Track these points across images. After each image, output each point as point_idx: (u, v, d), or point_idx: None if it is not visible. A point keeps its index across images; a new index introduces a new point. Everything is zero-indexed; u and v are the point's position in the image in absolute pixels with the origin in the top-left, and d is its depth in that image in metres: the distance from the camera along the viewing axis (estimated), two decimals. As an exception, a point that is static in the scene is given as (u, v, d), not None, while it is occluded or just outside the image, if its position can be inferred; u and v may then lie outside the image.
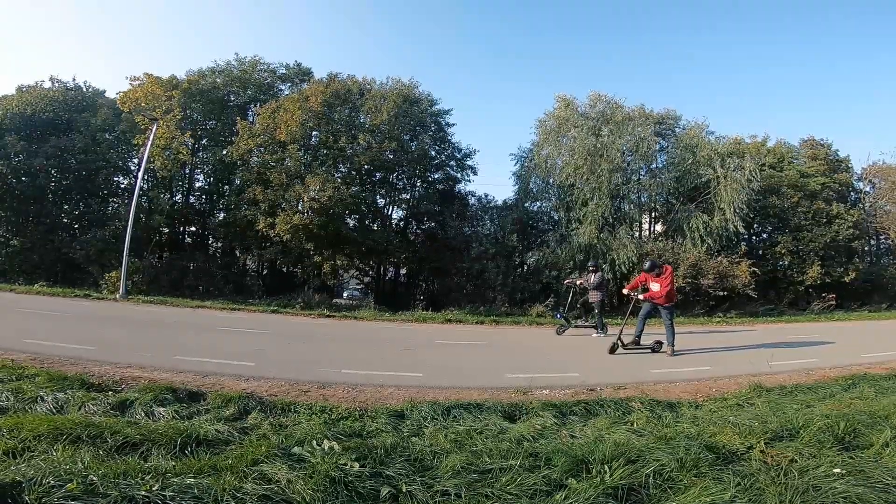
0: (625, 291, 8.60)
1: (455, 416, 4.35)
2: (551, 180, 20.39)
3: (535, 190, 21.55)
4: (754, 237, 22.68)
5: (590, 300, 10.70)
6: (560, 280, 18.21)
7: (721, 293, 16.87)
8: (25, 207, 20.07)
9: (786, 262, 20.79)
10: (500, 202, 23.28)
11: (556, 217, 21.15)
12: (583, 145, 18.56)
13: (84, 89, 22.80)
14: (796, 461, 3.00)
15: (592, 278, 10.52)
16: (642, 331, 8.22)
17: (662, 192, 19.46)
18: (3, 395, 4.05)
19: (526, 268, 21.09)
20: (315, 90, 19.83)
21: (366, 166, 20.20)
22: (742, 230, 18.99)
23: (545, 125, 20.70)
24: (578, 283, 10.89)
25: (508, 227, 20.64)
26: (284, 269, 22.11)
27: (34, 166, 19.50)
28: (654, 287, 8.01)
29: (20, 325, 8.44)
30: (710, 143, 19.30)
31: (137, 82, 20.25)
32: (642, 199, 21.00)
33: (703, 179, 18.45)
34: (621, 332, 8.12)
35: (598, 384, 5.88)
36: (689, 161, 18.74)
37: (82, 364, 5.53)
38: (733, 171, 18.05)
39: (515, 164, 22.82)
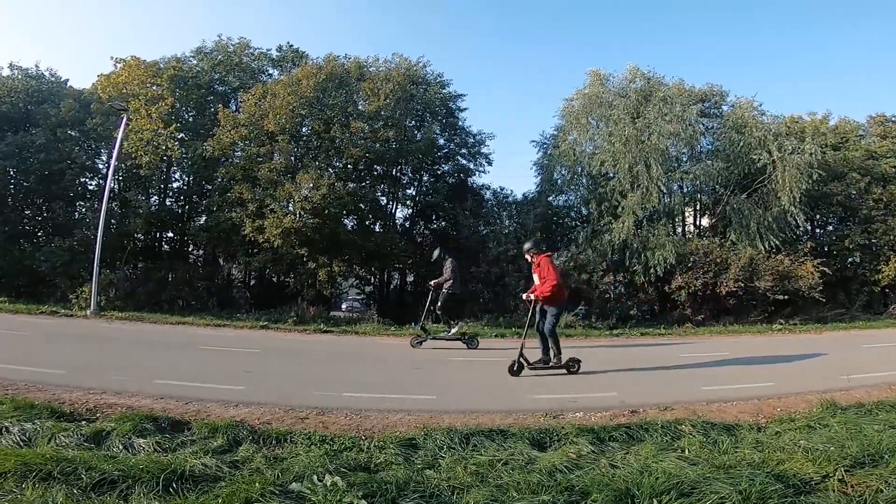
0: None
1: (475, 445, 4.33)
2: (580, 169, 20.27)
3: (560, 181, 21.44)
4: (818, 230, 22.30)
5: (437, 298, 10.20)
6: (592, 284, 18.15)
7: (781, 297, 16.60)
8: (-20, 212, 20.15)
9: (857, 259, 20.38)
10: (519, 196, 23.30)
11: (584, 211, 21.03)
12: (620, 128, 18.42)
13: (48, 78, 22.93)
14: (882, 491, 2.93)
15: (448, 268, 10.10)
16: (554, 343, 7.57)
17: (709, 180, 19.19)
18: (-38, 426, 4.11)
19: (551, 271, 20.89)
20: (308, 72, 19.87)
21: (365, 159, 20.24)
22: (803, 223, 18.67)
23: (572, 106, 20.60)
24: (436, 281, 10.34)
25: (531, 225, 20.55)
26: (275, 279, 22.21)
27: (-10, 167, 19.66)
28: (536, 280, 7.46)
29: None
30: (763, 123, 19.02)
31: (122, 65, 20.41)
32: (684, 188, 20.77)
33: (757, 165, 18.16)
34: (522, 346, 7.57)
35: (640, 405, 5.82)
36: (740, 144, 18.49)
37: (51, 390, 5.60)
38: (791, 154, 17.76)
39: (537, 153, 22.79)
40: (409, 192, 23.55)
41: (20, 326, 11.11)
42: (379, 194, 22.24)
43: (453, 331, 10.34)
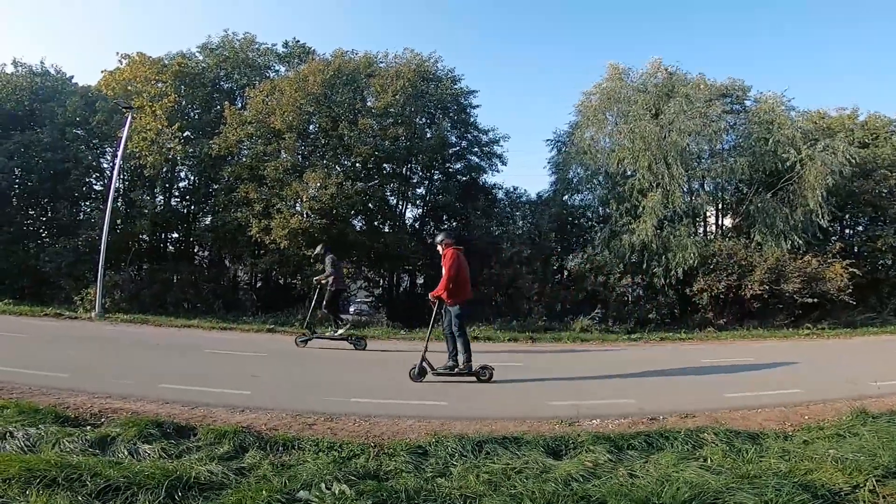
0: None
1: (488, 453, 4.32)
2: (596, 167, 20.16)
3: (575, 180, 21.34)
4: (847, 230, 21.97)
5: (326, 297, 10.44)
6: (609, 286, 18.05)
7: (809, 300, 16.36)
8: (-16, 212, 20.43)
9: (888, 261, 20.04)
10: (533, 196, 23.26)
11: (602, 211, 20.92)
12: (640, 125, 18.28)
13: (53, 74, 23.15)
14: (917, 505, 2.87)
15: (327, 264, 10.32)
16: (464, 347, 7.34)
17: (733, 178, 18.97)
18: (-35, 431, 4.17)
19: (566, 273, 20.88)
20: (315, 68, 19.98)
21: (374, 157, 20.29)
22: (829, 223, 18.36)
23: (589, 101, 20.50)
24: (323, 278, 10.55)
25: (545, 225, 20.48)
26: (281, 281, 22.35)
27: (-5, 167, 19.92)
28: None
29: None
30: (791, 120, 18.76)
31: (127, 61, 20.63)
32: (706, 187, 20.58)
33: (785, 164, 17.90)
34: (425, 349, 7.35)
35: (660, 412, 5.78)
36: (767, 141, 18.24)
37: (55, 394, 5.68)
38: (822, 152, 17.50)
39: (551, 151, 22.74)
40: (419, 191, 23.61)
41: (24, 329, 11.29)
42: (388, 194, 22.30)
43: (340, 331, 10.41)
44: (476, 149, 23.67)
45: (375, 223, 21.51)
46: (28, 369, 6.75)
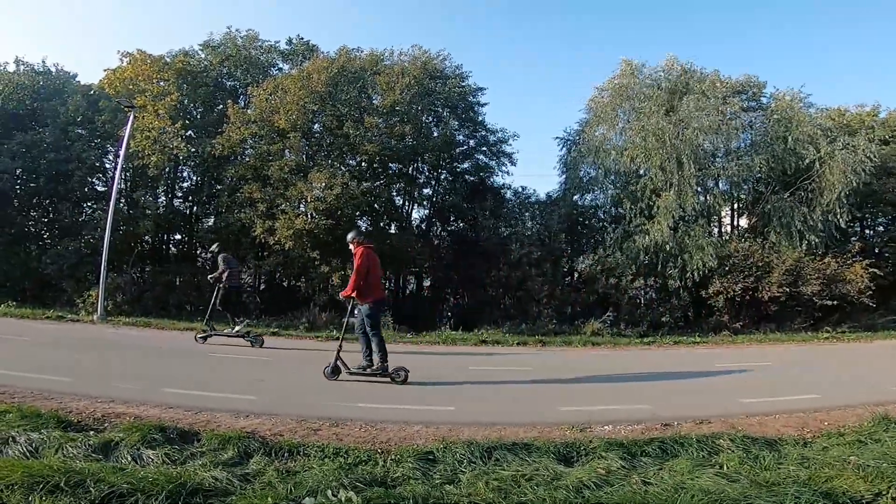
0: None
1: (498, 459, 4.33)
2: (608, 166, 20.10)
3: (586, 179, 21.28)
4: (867, 230, 21.80)
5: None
6: (621, 289, 17.98)
7: (829, 302, 16.23)
8: (-13, 216, 20.60)
9: (910, 262, 19.85)
10: (542, 196, 23.23)
11: (613, 212, 20.88)
12: (653, 122, 18.20)
13: (55, 73, 23.26)
14: (941, 514, 2.85)
15: (220, 262, 10.84)
16: (378, 347, 7.44)
17: (749, 177, 18.87)
18: (-33, 436, 4.22)
19: (577, 275, 20.83)
20: (319, 66, 20.04)
21: (379, 156, 20.34)
22: (848, 223, 18.22)
23: (601, 98, 20.47)
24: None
25: (555, 226, 20.45)
26: (285, 283, 22.45)
27: (-2, 168, 20.11)
28: None
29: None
30: (809, 117, 18.64)
31: (128, 59, 20.76)
32: (720, 186, 20.47)
33: (803, 162, 17.77)
34: (339, 348, 7.58)
35: (674, 418, 5.77)
36: (785, 139, 18.12)
37: (58, 398, 5.75)
38: (842, 150, 17.37)
39: (561, 149, 22.68)
40: (425, 191, 23.59)
41: (26, 331, 11.40)
42: (394, 194, 22.32)
43: (237, 328, 10.88)
44: (484, 148, 23.64)
45: (381, 224, 21.54)
46: (30, 373, 6.82)
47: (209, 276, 11.55)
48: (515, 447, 4.55)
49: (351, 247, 7.73)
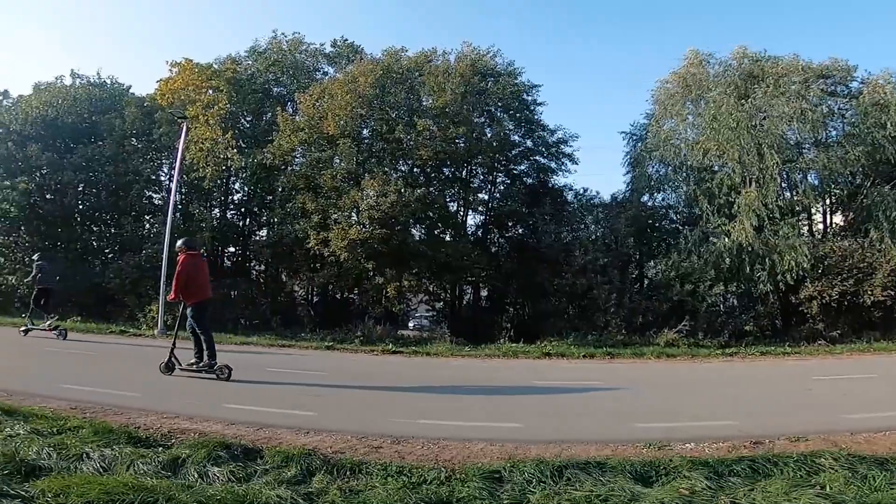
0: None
1: (569, 479, 4.29)
2: (679, 162, 19.54)
3: (654, 178, 20.80)
4: None
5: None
6: (698, 296, 17.38)
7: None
8: (53, 231, 22.01)
9: None
10: (606, 198, 22.89)
11: (687, 212, 20.27)
12: (724, 111, 17.61)
13: (110, 86, 24.42)
14: None
15: (34, 266, 13.33)
16: (207, 345, 8.46)
17: (843, 169, 17.82)
18: (45, 450, 4.52)
19: (647, 282, 20.30)
20: (364, 69, 20.42)
21: (432, 160, 20.50)
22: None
23: (665, 90, 20.00)
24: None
25: (622, 229, 20.04)
26: (339, 296, 22.94)
27: (61, 181, 21.31)
28: None
29: (54, 366, 9.56)
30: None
31: (176, 69, 21.64)
32: (808, 180, 19.42)
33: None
34: (173, 346, 8.42)
35: (765, 434, 5.58)
36: (885, 126, 17.01)
37: (126, 413, 6.13)
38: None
39: (627, 145, 22.31)
40: (480, 196, 23.58)
41: (91, 346, 12.22)
42: (448, 199, 22.47)
43: (46, 323, 13.03)
44: (542, 149, 23.49)
45: (436, 231, 21.73)
46: (98, 387, 7.31)
47: (25, 280, 14.97)
48: (588, 466, 4.50)
49: (178, 255, 8.72)
